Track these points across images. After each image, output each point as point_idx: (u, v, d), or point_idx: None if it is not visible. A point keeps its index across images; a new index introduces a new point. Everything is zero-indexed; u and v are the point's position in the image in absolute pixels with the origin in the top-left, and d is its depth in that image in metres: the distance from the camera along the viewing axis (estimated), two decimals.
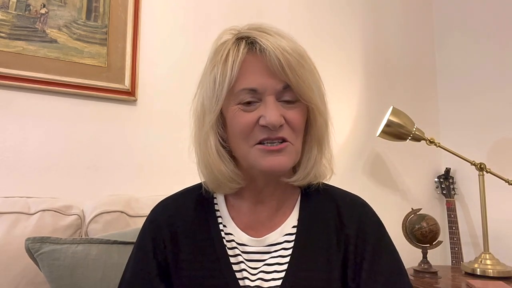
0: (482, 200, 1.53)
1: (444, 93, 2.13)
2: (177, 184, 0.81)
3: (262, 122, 0.61)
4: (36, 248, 0.90)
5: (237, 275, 0.65)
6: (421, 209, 1.57)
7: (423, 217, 1.50)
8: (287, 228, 0.69)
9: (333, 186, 0.75)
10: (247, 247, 0.67)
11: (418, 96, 2.10)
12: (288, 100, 0.63)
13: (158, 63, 1.47)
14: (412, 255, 1.56)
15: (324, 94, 0.68)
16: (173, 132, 1.44)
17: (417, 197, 2.00)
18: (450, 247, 1.79)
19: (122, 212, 1.13)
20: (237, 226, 0.69)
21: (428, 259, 1.52)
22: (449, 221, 1.84)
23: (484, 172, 1.55)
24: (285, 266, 0.65)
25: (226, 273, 0.65)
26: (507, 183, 1.54)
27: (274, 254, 0.67)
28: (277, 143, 0.62)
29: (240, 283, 0.64)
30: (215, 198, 0.73)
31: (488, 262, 1.45)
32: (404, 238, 1.54)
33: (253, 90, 0.62)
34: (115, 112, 1.39)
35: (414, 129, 1.67)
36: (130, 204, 1.17)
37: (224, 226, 0.69)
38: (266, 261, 0.66)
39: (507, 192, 1.68)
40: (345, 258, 0.66)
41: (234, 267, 0.65)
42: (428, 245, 1.51)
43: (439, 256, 1.91)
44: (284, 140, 0.62)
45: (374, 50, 2.00)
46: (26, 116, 1.25)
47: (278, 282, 0.64)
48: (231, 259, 0.66)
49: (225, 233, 0.68)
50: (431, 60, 2.17)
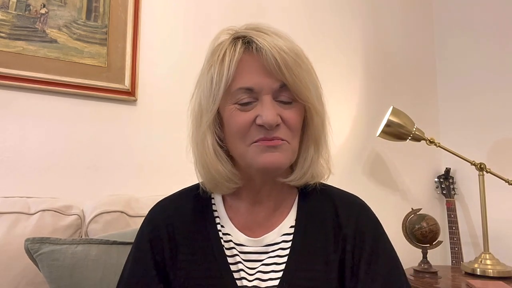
0: (482, 200, 1.53)
1: (444, 93, 2.13)
2: (177, 184, 0.81)
3: (258, 122, 0.61)
4: (35, 248, 0.90)
5: (235, 275, 0.65)
6: (421, 209, 1.57)
7: (423, 217, 1.50)
8: (284, 228, 0.69)
9: (331, 186, 0.75)
10: (244, 247, 0.67)
11: (418, 96, 2.10)
12: (284, 100, 0.63)
13: (158, 63, 1.48)
14: (412, 255, 1.56)
15: (321, 93, 0.68)
16: (173, 132, 1.44)
17: (417, 197, 2.00)
18: (450, 247, 1.79)
19: (122, 212, 1.13)
20: (234, 226, 0.69)
21: (428, 259, 1.52)
22: (449, 221, 1.84)
23: (484, 172, 1.55)
24: (282, 266, 0.65)
25: (223, 273, 0.65)
26: (507, 183, 1.54)
27: (271, 254, 0.67)
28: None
29: (238, 283, 0.64)
30: (212, 198, 0.73)
31: (488, 262, 1.45)
32: (404, 238, 1.54)
33: (249, 90, 0.62)
34: (115, 112, 1.39)
35: (414, 129, 1.67)
36: (130, 204, 1.17)
37: (222, 226, 0.69)
38: (263, 261, 0.66)
39: (507, 192, 1.68)
40: (343, 258, 0.66)
41: (232, 267, 0.66)
42: (428, 245, 1.51)
43: (439, 256, 1.91)
44: (281, 139, 0.62)
45: (374, 50, 2.00)
46: (26, 116, 1.26)
47: (276, 282, 0.64)
48: (229, 259, 0.66)
49: (223, 234, 0.69)
50: (431, 60, 2.17)
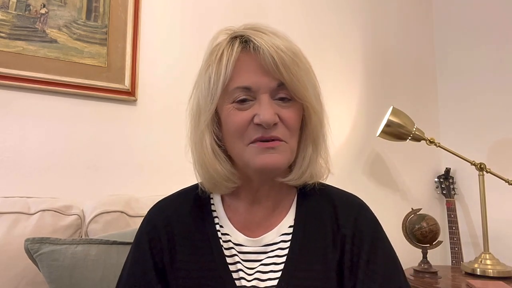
0: (482, 200, 1.53)
1: (444, 93, 2.13)
2: (177, 184, 0.81)
3: (256, 121, 0.61)
4: (35, 248, 0.90)
5: (234, 275, 0.65)
6: (421, 209, 1.57)
7: (423, 217, 1.50)
8: (283, 228, 0.69)
9: (330, 186, 0.75)
10: (243, 247, 0.67)
11: (418, 96, 2.10)
12: (282, 99, 0.63)
13: (158, 63, 1.48)
14: (412, 255, 1.56)
15: (319, 93, 0.68)
16: (173, 132, 1.44)
17: (417, 197, 2.00)
18: (450, 247, 1.79)
19: (122, 212, 1.13)
20: (233, 226, 0.69)
21: (428, 259, 1.52)
22: (449, 221, 1.84)
23: (484, 172, 1.55)
24: (281, 266, 0.65)
25: (222, 273, 0.65)
26: (507, 183, 1.54)
27: (270, 254, 0.67)
28: (270, 140, 0.62)
29: (237, 283, 0.64)
30: (211, 198, 0.73)
31: (488, 262, 1.45)
32: (404, 238, 1.54)
33: (247, 89, 0.62)
34: (115, 112, 1.39)
35: (414, 129, 1.67)
36: (130, 204, 1.17)
37: (221, 226, 0.69)
38: (262, 261, 0.66)
39: (507, 192, 1.68)
40: (342, 257, 0.66)
41: (231, 267, 0.66)
42: (428, 245, 1.51)
43: (439, 256, 1.92)
44: (278, 139, 0.62)
45: (374, 50, 2.00)
46: (26, 116, 1.26)
47: (275, 282, 0.64)
48: (228, 259, 0.66)
49: (222, 234, 0.69)
50: (431, 60, 2.17)
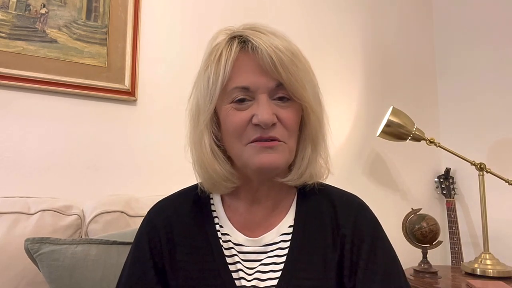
0: (482, 200, 1.53)
1: (444, 93, 2.13)
2: (177, 184, 0.81)
3: (254, 121, 0.61)
4: (35, 248, 0.90)
5: (233, 275, 0.65)
6: (421, 209, 1.57)
7: (423, 217, 1.50)
8: (283, 228, 0.69)
9: (330, 186, 0.75)
10: (243, 247, 0.67)
11: (418, 96, 2.10)
12: (281, 98, 0.63)
13: (158, 63, 1.48)
14: (412, 255, 1.56)
15: (318, 93, 0.68)
16: (173, 132, 1.44)
17: (417, 197, 2.00)
18: (450, 247, 1.78)
19: (122, 212, 1.13)
20: (233, 226, 0.69)
21: (428, 259, 1.52)
22: (449, 221, 1.84)
23: (484, 172, 1.55)
24: (281, 266, 0.65)
25: (222, 273, 0.65)
26: (507, 183, 1.54)
27: (270, 254, 0.67)
28: (269, 140, 0.62)
29: (237, 283, 0.64)
30: (211, 198, 0.73)
31: (488, 262, 1.45)
32: (404, 238, 1.54)
33: (245, 88, 0.62)
34: (115, 112, 1.39)
35: (414, 129, 1.67)
36: (130, 204, 1.17)
37: (221, 226, 0.69)
38: (262, 261, 0.66)
39: (507, 192, 1.68)
40: (342, 257, 0.66)
41: (231, 267, 0.66)
42: (428, 245, 1.51)
43: (439, 256, 1.91)
44: (277, 139, 0.62)
45: (374, 50, 2.00)
46: (26, 116, 1.26)
47: (274, 282, 0.64)
48: (228, 260, 0.66)
49: (222, 234, 0.69)
50: (431, 60, 2.17)
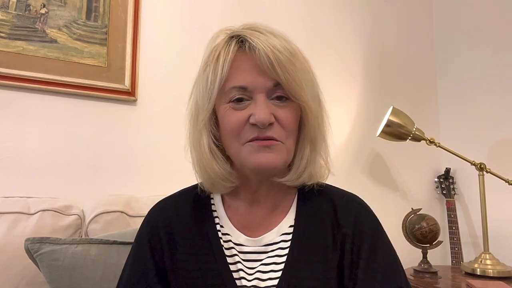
0: (482, 200, 1.53)
1: (444, 93, 2.13)
2: (177, 184, 0.81)
3: (252, 120, 0.61)
4: (35, 248, 0.90)
5: (234, 275, 0.65)
6: (421, 209, 1.57)
7: (423, 217, 1.50)
8: (283, 228, 0.69)
9: (330, 186, 0.75)
10: (244, 247, 0.67)
11: (418, 96, 2.10)
12: (279, 98, 0.63)
13: (158, 63, 1.48)
14: (412, 255, 1.56)
15: (318, 92, 0.68)
16: (173, 132, 1.44)
17: (417, 197, 2.00)
18: (450, 247, 1.78)
19: (122, 212, 1.13)
20: (234, 226, 0.69)
21: (428, 259, 1.52)
22: (449, 221, 1.84)
23: (484, 172, 1.55)
24: (281, 266, 0.65)
25: (223, 273, 0.65)
26: (507, 183, 1.54)
27: (270, 254, 0.67)
28: (266, 140, 0.61)
29: (237, 283, 0.64)
30: (212, 198, 0.73)
31: (488, 262, 1.45)
32: (404, 238, 1.54)
33: (243, 88, 0.62)
34: (115, 112, 1.39)
35: (414, 129, 1.67)
36: (130, 204, 1.17)
37: (221, 226, 0.70)
38: (262, 261, 0.66)
39: (507, 192, 1.67)
40: (342, 257, 0.66)
41: (231, 267, 0.66)
42: (428, 245, 1.51)
43: (439, 256, 1.91)
44: (274, 139, 0.62)
45: (374, 50, 2.00)
46: (26, 116, 1.26)
47: (275, 282, 0.64)
48: (228, 259, 0.66)
49: (222, 233, 0.69)
50: (431, 60, 2.17)
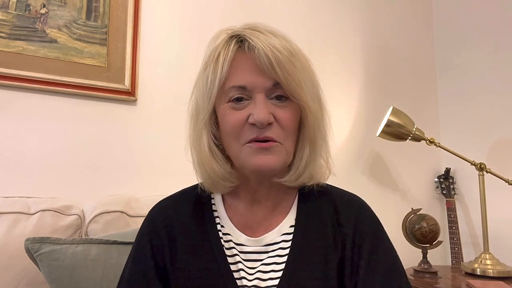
0: (482, 200, 1.53)
1: (444, 93, 2.13)
2: (177, 184, 0.81)
3: (250, 120, 0.61)
4: (35, 248, 0.90)
5: (235, 275, 0.65)
6: (421, 209, 1.57)
7: (423, 217, 1.50)
8: (284, 228, 0.69)
9: (331, 186, 0.75)
10: (244, 247, 0.67)
11: (418, 96, 2.10)
12: (279, 98, 0.63)
13: (158, 63, 1.48)
14: (412, 255, 1.56)
15: (319, 92, 0.68)
16: (173, 132, 1.44)
17: (417, 197, 2.00)
18: (450, 247, 1.79)
19: (122, 212, 1.13)
20: (234, 226, 0.69)
21: (428, 259, 1.52)
22: (449, 221, 1.84)
23: (484, 172, 1.55)
24: (282, 266, 0.65)
25: (224, 273, 0.65)
26: (507, 183, 1.54)
27: (271, 253, 0.67)
28: (264, 141, 0.61)
29: (238, 283, 0.64)
30: (212, 198, 0.73)
31: (488, 262, 1.45)
32: (404, 238, 1.54)
33: (242, 88, 0.62)
34: (115, 112, 1.39)
35: (414, 129, 1.67)
36: (130, 204, 1.17)
37: (222, 226, 0.69)
38: (263, 261, 0.66)
39: (507, 192, 1.68)
40: (343, 257, 0.66)
41: (232, 267, 0.66)
42: (428, 245, 1.51)
43: (439, 256, 1.91)
44: (273, 140, 0.62)
45: (374, 50, 2.00)
46: (26, 116, 1.26)
47: (276, 282, 0.64)
48: (229, 259, 0.66)
49: (223, 233, 0.69)
50: (431, 60, 2.17)
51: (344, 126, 1.87)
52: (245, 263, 0.66)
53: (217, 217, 0.70)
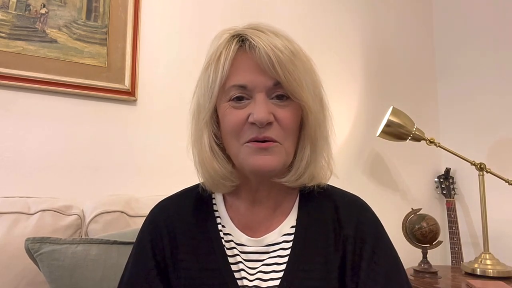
0: (482, 200, 1.53)
1: (444, 93, 2.13)
2: (177, 184, 0.81)
3: (250, 119, 0.61)
4: (35, 248, 0.90)
5: (236, 275, 0.65)
6: (421, 209, 1.57)
7: (423, 217, 1.50)
8: (285, 228, 0.69)
9: (332, 186, 0.75)
10: (245, 247, 0.67)
11: (418, 96, 2.10)
12: (280, 98, 0.63)
13: (158, 63, 1.48)
14: (412, 255, 1.56)
15: (320, 92, 0.67)
16: (173, 132, 1.44)
17: (417, 197, 2.00)
18: (450, 247, 1.79)
19: (122, 212, 1.13)
20: (235, 226, 0.69)
21: (428, 259, 1.52)
22: (449, 221, 1.84)
23: (484, 172, 1.55)
24: (283, 266, 0.65)
25: (224, 273, 0.65)
26: (507, 183, 1.54)
27: (272, 254, 0.67)
28: (264, 141, 0.61)
29: (239, 283, 0.64)
30: (213, 198, 0.73)
31: (488, 262, 1.45)
32: (404, 238, 1.54)
33: (242, 87, 0.62)
34: (115, 112, 1.39)
35: (414, 129, 1.67)
36: (130, 204, 1.17)
37: (223, 226, 0.69)
38: (264, 261, 0.66)
39: (507, 192, 1.68)
40: (344, 258, 0.66)
41: (233, 267, 0.66)
42: (428, 245, 1.51)
43: (439, 256, 1.92)
44: (272, 140, 0.61)
45: (374, 50, 2.00)
46: (26, 116, 1.25)
47: (276, 282, 0.64)
48: (230, 259, 0.66)
49: (224, 233, 0.69)
50: (431, 60, 2.17)
51: (344, 126, 1.87)
52: (246, 263, 0.66)
53: (218, 217, 0.70)
